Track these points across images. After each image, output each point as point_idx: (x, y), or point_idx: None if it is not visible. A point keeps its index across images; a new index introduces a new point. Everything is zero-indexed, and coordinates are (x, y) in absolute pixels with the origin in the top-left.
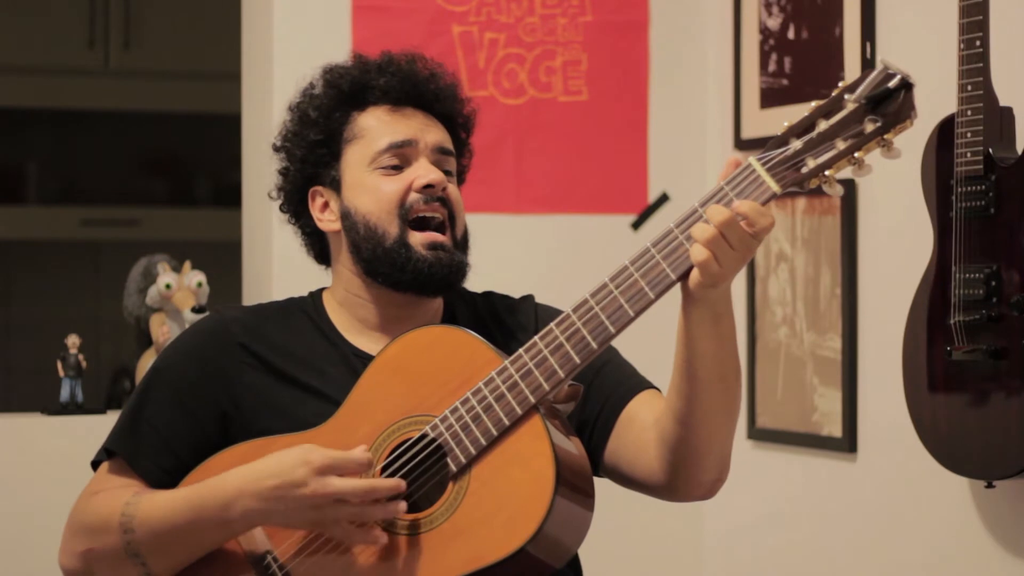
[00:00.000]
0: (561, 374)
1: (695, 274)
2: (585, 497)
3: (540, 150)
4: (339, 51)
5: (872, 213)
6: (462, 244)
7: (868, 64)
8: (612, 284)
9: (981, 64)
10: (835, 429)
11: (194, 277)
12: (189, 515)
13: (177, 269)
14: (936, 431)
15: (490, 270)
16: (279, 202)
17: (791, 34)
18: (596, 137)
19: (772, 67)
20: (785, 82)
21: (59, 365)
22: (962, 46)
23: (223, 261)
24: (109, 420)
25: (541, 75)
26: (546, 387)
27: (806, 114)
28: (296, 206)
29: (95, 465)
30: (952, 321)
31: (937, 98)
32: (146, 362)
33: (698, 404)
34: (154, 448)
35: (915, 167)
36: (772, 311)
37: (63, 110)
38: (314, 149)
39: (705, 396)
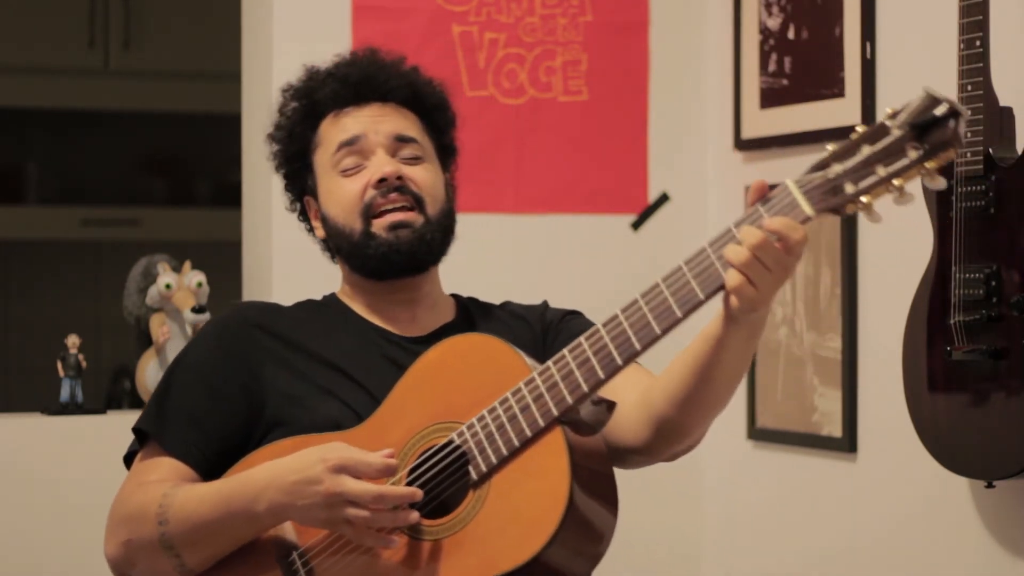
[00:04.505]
0: (585, 388)
1: (732, 299)
2: (606, 506)
3: (540, 150)
4: (339, 51)
5: None
6: (438, 222)
7: (868, 64)
8: (642, 300)
9: (981, 64)
10: (835, 429)
11: (194, 277)
12: (219, 508)
13: (177, 269)
14: (936, 431)
15: (490, 270)
16: (295, 213)
17: (791, 34)
18: (596, 137)
19: (772, 67)
20: (785, 82)
21: (59, 365)
22: (962, 46)
23: (223, 261)
24: (109, 420)
25: (541, 75)
26: (570, 400)
27: (850, 139)
28: (302, 215)
29: (129, 458)
30: (952, 321)
31: None
32: (146, 362)
33: (701, 398)
34: (182, 426)
35: None
36: (772, 311)
37: (63, 110)
38: (291, 164)
39: (710, 392)
